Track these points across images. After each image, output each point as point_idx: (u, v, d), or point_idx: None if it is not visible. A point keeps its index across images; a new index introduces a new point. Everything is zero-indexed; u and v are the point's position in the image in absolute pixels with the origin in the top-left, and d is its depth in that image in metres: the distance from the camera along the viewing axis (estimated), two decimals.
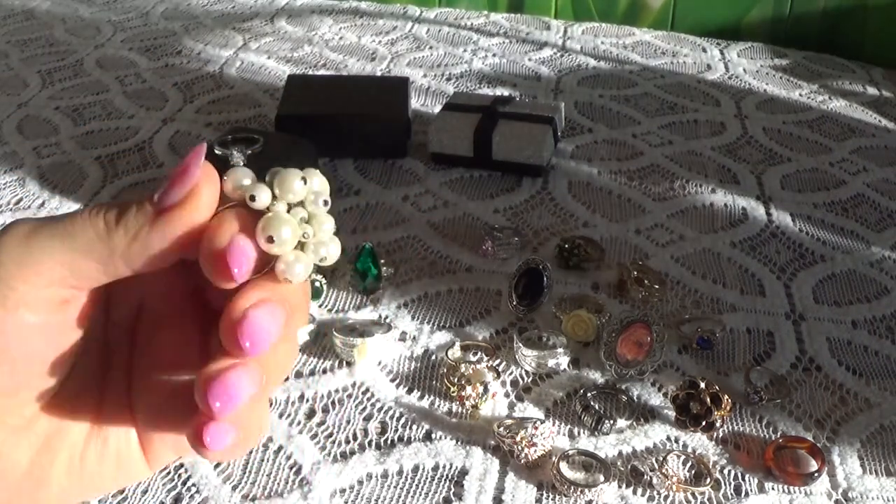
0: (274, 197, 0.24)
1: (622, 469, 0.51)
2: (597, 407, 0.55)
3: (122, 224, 0.24)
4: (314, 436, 0.54)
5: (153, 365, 0.28)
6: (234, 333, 0.23)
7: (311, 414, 0.55)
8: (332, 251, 0.25)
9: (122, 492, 0.49)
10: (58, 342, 0.25)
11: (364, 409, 0.56)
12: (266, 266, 0.24)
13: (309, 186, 0.25)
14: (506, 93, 1.02)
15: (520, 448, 0.51)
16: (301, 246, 0.25)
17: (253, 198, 0.24)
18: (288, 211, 0.24)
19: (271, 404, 0.56)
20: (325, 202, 0.25)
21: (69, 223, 0.24)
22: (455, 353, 0.60)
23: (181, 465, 0.51)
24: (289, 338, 0.25)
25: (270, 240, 0.23)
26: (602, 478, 0.50)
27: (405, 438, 0.53)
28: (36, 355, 0.25)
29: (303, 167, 0.25)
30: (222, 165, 0.37)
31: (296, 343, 0.26)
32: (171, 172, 0.24)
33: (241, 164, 0.74)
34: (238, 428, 0.24)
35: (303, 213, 0.25)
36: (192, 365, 0.27)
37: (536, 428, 0.51)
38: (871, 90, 1.05)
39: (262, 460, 0.52)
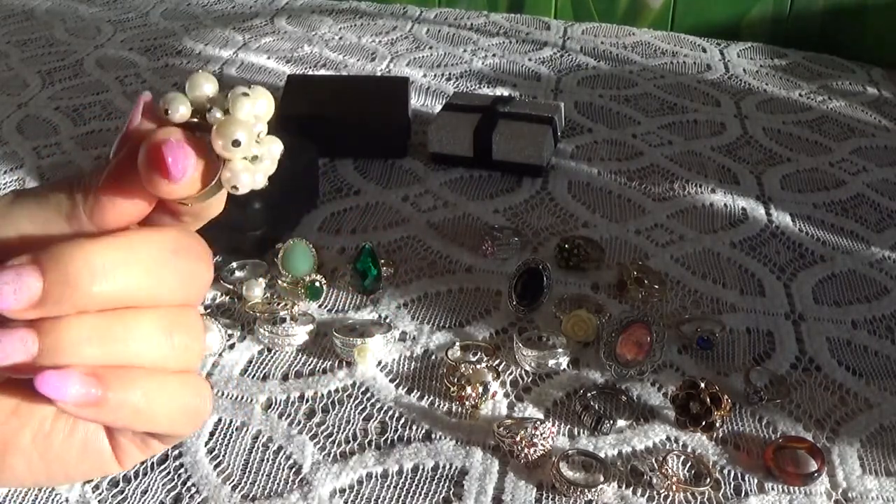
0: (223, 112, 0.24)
1: (622, 469, 0.51)
2: (597, 407, 0.55)
3: (84, 181, 0.24)
4: (314, 436, 0.54)
5: None
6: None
7: (311, 414, 0.55)
8: (273, 151, 0.25)
9: (122, 491, 0.49)
10: None
11: (364, 409, 0.56)
12: (211, 179, 0.24)
13: (252, 106, 0.24)
14: (506, 93, 1.02)
15: (520, 448, 0.51)
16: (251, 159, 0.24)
17: (209, 110, 0.24)
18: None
19: (271, 405, 0.56)
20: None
21: (46, 188, 0.24)
22: (455, 353, 0.60)
23: (181, 466, 0.51)
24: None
25: (236, 143, 0.23)
26: (602, 478, 0.50)
27: (405, 438, 0.53)
28: None
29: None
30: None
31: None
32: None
33: None
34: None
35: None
36: None
37: (536, 428, 0.51)
38: (871, 90, 1.05)
39: (262, 460, 0.52)
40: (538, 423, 0.51)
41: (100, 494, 0.49)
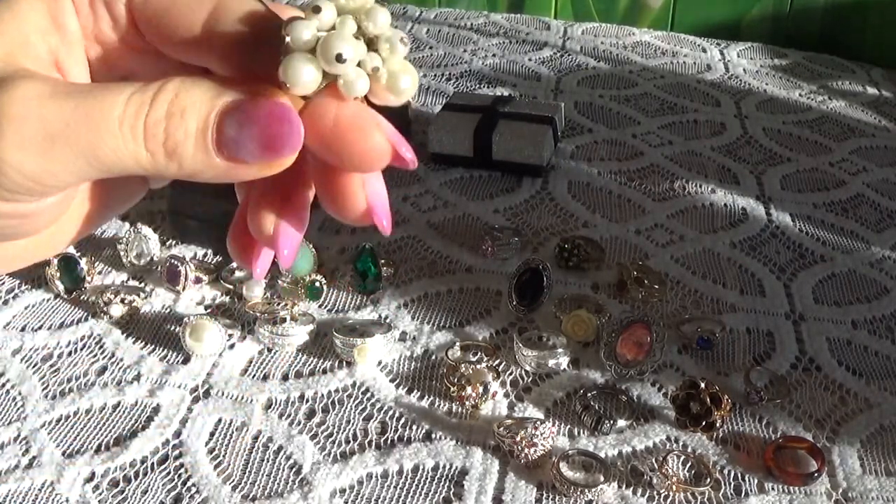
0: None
1: (622, 469, 0.51)
2: (597, 407, 0.55)
3: (177, 160, 0.20)
4: (314, 436, 0.54)
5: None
6: (370, 216, 0.23)
7: (311, 414, 0.55)
8: (403, 81, 0.22)
9: (122, 491, 0.49)
10: None
11: (364, 409, 0.56)
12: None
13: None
14: (506, 93, 1.02)
15: (520, 448, 0.51)
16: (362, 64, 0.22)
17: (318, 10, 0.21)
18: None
19: (271, 405, 0.56)
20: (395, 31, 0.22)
21: (96, 138, 0.19)
22: (455, 353, 0.60)
23: (181, 465, 0.51)
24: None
25: (339, 58, 0.21)
26: (602, 478, 0.50)
27: (405, 438, 0.53)
28: None
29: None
30: None
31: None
32: (255, 115, 0.20)
33: None
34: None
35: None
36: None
37: (536, 428, 0.51)
38: (871, 90, 1.05)
39: (262, 460, 0.52)
40: (538, 423, 0.51)
41: (100, 494, 0.49)
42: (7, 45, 0.20)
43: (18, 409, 0.55)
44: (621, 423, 0.54)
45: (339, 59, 0.21)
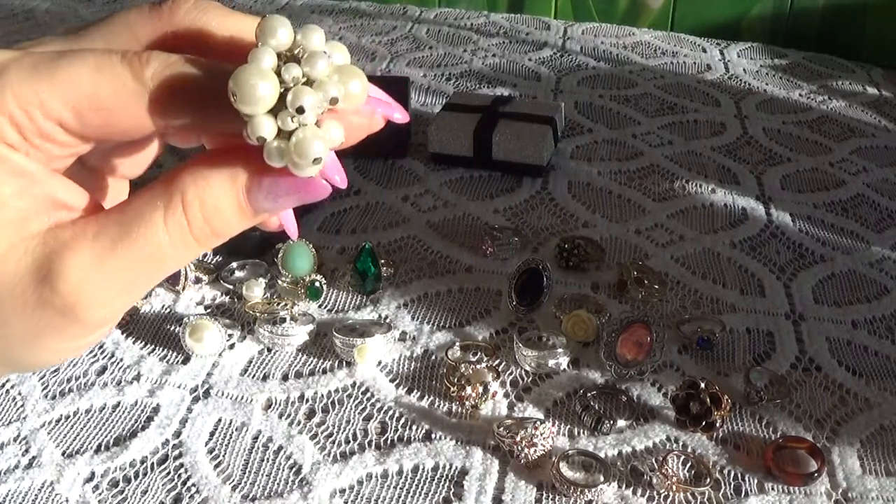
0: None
1: (622, 469, 0.51)
2: (597, 407, 0.55)
3: (230, 234, 0.23)
4: (314, 436, 0.54)
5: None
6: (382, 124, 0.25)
7: (311, 414, 0.55)
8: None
9: (122, 491, 0.49)
10: None
11: (364, 409, 0.56)
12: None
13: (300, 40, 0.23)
14: (506, 93, 1.02)
15: (520, 448, 0.51)
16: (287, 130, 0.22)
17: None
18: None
19: (271, 405, 0.56)
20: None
21: (159, 267, 0.22)
22: (455, 353, 0.60)
23: (181, 465, 0.51)
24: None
25: (317, 161, 0.22)
26: (602, 478, 0.50)
27: (405, 438, 0.53)
28: None
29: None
30: None
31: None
32: (282, 192, 0.23)
33: None
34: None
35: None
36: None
37: (536, 428, 0.51)
38: (871, 90, 1.05)
39: (262, 460, 0.52)
40: (538, 423, 0.51)
41: (100, 494, 0.49)
42: (13, 222, 0.21)
43: (18, 409, 0.55)
44: (621, 423, 0.54)
45: (318, 161, 0.22)
